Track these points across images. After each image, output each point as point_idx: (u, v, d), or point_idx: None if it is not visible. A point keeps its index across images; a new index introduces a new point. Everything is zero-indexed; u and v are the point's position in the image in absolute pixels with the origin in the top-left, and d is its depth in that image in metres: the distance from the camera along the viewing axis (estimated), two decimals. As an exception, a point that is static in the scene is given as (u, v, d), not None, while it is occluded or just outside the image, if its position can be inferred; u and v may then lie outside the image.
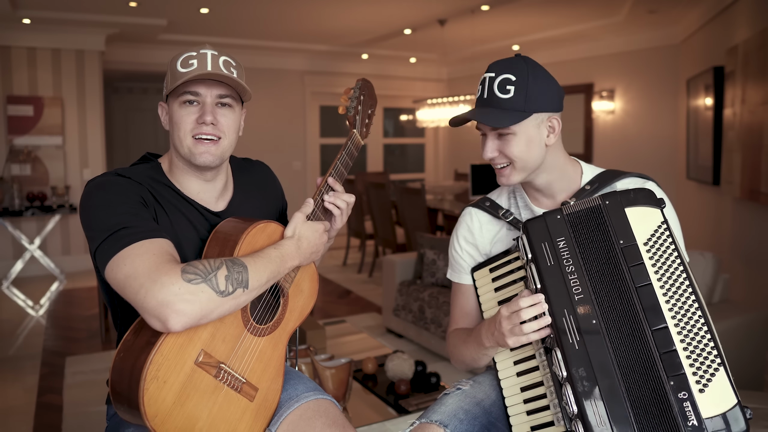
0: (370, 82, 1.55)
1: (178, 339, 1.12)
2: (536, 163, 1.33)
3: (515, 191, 1.47)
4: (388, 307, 4.16)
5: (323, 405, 1.35)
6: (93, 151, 6.37)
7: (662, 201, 1.26)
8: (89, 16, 5.63)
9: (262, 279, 1.18)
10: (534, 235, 1.26)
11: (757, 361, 2.66)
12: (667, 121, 6.11)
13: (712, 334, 1.16)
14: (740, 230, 4.25)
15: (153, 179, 1.30)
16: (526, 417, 1.29)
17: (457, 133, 8.91)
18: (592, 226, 1.25)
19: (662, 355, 1.14)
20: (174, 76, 1.28)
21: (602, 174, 1.40)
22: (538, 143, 1.31)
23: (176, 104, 1.29)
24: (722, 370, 1.13)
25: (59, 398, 3.23)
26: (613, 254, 1.22)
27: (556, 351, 1.19)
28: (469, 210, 1.51)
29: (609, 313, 1.19)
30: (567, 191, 1.39)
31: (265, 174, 1.54)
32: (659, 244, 1.22)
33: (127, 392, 1.10)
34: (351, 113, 1.48)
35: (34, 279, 6.01)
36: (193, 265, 1.11)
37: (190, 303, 1.07)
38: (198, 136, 1.28)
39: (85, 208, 1.21)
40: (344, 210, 1.40)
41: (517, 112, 1.28)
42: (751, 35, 3.80)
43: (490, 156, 1.34)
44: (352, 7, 5.45)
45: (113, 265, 1.12)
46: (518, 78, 1.28)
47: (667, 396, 1.12)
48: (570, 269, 1.22)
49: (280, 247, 1.25)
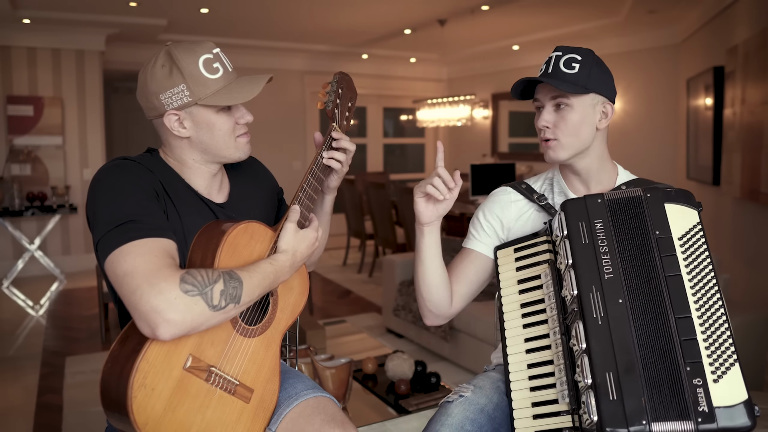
0: (348, 75, 1.54)
1: (164, 346, 1.11)
2: (584, 143, 1.38)
3: (553, 178, 1.51)
4: (388, 307, 4.16)
5: (322, 402, 1.35)
6: (93, 151, 6.37)
7: (700, 204, 1.31)
8: (89, 16, 5.63)
9: (254, 294, 1.19)
10: (572, 213, 1.30)
11: (757, 361, 2.66)
12: (667, 121, 6.11)
13: (731, 333, 1.19)
14: (740, 230, 4.25)
15: (163, 169, 1.30)
16: (528, 393, 1.30)
17: (458, 133, 8.91)
18: (631, 213, 1.29)
19: (683, 342, 1.17)
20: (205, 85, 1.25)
21: (637, 180, 1.46)
22: (591, 124, 1.37)
23: (211, 112, 1.28)
24: (737, 366, 1.16)
25: (59, 398, 3.23)
26: (647, 242, 1.25)
27: (578, 324, 1.21)
28: (504, 188, 1.55)
29: (636, 295, 1.22)
30: (602, 186, 1.44)
31: (256, 165, 1.55)
32: (693, 241, 1.26)
33: (116, 401, 1.10)
34: (330, 107, 1.48)
35: (34, 279, 6.01)
36: (192, 275, 1.10)
37: (182, 314, 1.06)
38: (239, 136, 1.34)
39: (94, 194, 1.20)
40: (345, 162, 1.46)
41: (579, 86, 1.34)
42: (751, 35, 3.80)
43: (543, 124, 1.39)
44: (352, 7, 5.45)
45: (113, 259, 1.11)
46: (584, 58, 1.36)
47: (682, 380, 1.14)
48: (603, 250, 1.25)
49: (275, 262, 1.25)
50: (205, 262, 1.21)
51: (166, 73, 1.24)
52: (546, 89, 1.39)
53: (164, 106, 1.26)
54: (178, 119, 1.27)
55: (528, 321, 1.35)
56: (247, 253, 1.26)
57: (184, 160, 1.33)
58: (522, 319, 1.36)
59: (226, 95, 1.26)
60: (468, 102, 6.67)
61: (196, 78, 1.24)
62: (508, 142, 8.26)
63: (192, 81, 1.24)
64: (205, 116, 1.28)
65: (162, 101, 1.25)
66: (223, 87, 1.27)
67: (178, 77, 1.24)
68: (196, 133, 1.30)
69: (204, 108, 1.28)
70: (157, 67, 1.25)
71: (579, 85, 1.34)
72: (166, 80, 1.24)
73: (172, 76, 1.24)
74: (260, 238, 1.29)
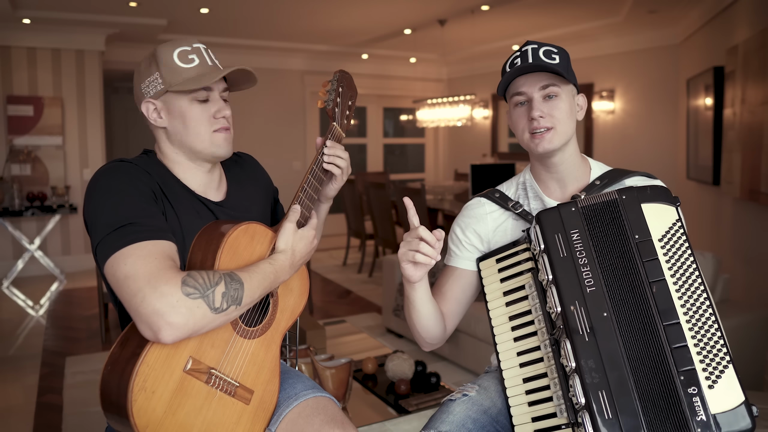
0: (349, 74, 1.53)
1: (164, 348, 1.11)
2: (571, 133, 1.38)
3: (525, 182, 1.47)
4: (388, 307, 4.16)
5: (321, 402, 1.35)
6: (93, 151, 6.37)
7: (677, 199, 1.27)
8: (89, 16, 5.63)
9: (255, 295, 1.18)
10: (547, 226, 1.26)
11: (757, 361, 2.66)
12: (667, 121, 6.11)
13: (721, 333, 1.16)
14: (740, 230, 4.25)
15: (159, 170, 1.30)
16: (527, 408, 1.28)
17: (458, 133, 8.91)
18: (607, 219, 1.25)
19: (673, 349, 1.14)
20: (177, 72, 1.27)
21: (611, 171, 1.42)
22: (574, 113, 1.38)
23: (185, 101, 1.28)
24: (731, 367, 1.14)
25: (59, 398, 3.23)
26: (627, 248, 1.22)
27: (565, 342, 1.18)
28: (477, 199, 1.49)
29: (621, 306, 1.19)
30: (578, 183, 1.40)
31: (253, 164, 1.55)
32: (674, 240, 1.23)
33: (117, 404, 1.09)
34: (330, 106, 1.47)
35: (34, 279, 6.01)
36: (193, 278, 1.10)
37: (184, 317, 1.06)
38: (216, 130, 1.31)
39: (91, 196, 1.19)
40: (344, 169, 1.45)
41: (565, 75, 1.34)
42: (751, 35, 3.80)
43: (539, 114, 1.33)
44: (352, 7, 5.45)
45: (113, 262, 1.10)
46: (560, 51, 1.36)
47: (677, 390, 1.12)
48: (583, 261, 1.22)
49: (274, 262, 1.25)
50: (206, 264, 1.21)
51: (147, 64, 1.31)
52: (533, 80, 1.34)
53: (143, 95, 1.31)
54: (155, 108, 1.31)
55: (518, 334, 1.33)
56: (248, 255, 1.25)
57: (173, 157, 1.33)
58: (512, 332, 1.34)
59: (194, 81, 1.27)
60: (468, 102, 6.67)
61: (169, 66, 1.27)
62: (508, 142, 8.26)
63: (165, 69, 1.27)
64: (178, 105, 1.29)
65: (141, 90, 1.31)
66: (196, 75, 1.28)
67: (154, 66, 1.29)
68: (171, 123, 1.30)
69: (177, 96, 1.28)
70: (143, 61, 1.32)
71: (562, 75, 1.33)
72: (146, 70, 1.30)
73: (150, 66, 1.30)
74: (261, 239, 1.28)
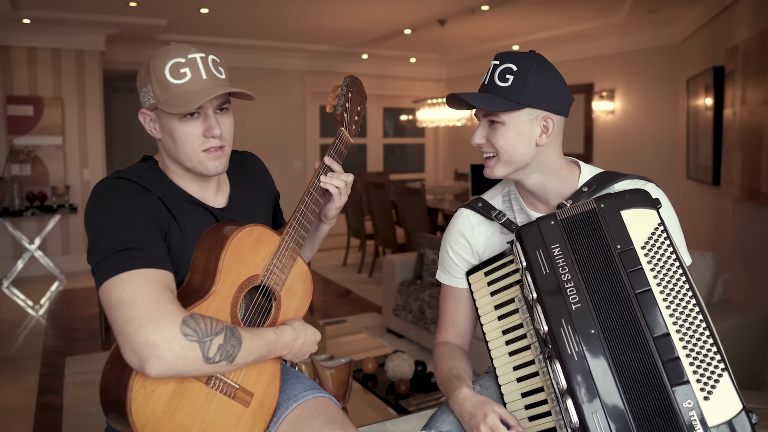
0: (359, 79, 1.51)
1: None
2: (523, 160, 1.29)
3: (510, 193, 1.43)
4: (388, 307, 4.16)
5: (321, 403, 1.34)
6: (93, 151, 6.37)
7: (658, 201, 1.23)
8: (89, 16, 5.63)
9: (249, 359, 1.16)
10: (528, 242, 1.23)
11: (757, 361, 2.66)
12: (667, 121, 6.11)
13: (714, 339, 1.12)
14: (740, 230, 4.25)
15: (160, 182, 1.26)
16: (528, 423, 1.27)
17: (457, 133, 8.91)
18: (588, 231, 1.21)
19: (665, 363, 1.11)
20: (167, 89, 1.20)
21: (600, 175, 1.35)
22: (528, 140, 1.27)
23: (173, 119, 1.21)
24: (726, 375, 1.10)
25: (59, 398, 3.23)
26: (610, 260, 1.18)
27: (555, 363, 1.16)
28: (461, 211, 1.46)
29: (608, 321, 1.15)
30: (562, 195, 1.34)
31: (258, 165, 1.51)
32: (657, 246, 1.19)
33: (116, 402, 1.09)
34: (339, 111, 1.45)
35: (34, 279, 6.01)
36: (195, 320, 1.08)
37: (176, 356, 1.04)
38: (206, 149, 1.24)
39: (91, 217, 1.15)
40: (343, 189, 1.39)
41: (510, 102, 1.25)
42: (751, 35, 3.80)
43: (477, 142, 1.31)
44: (352, 7, 5.45)
45: (110, 285, 1.08)
46: (519, 69, 1.25)
47: (672, 406, 1.09)
48: (566, 277, 1.19)
49: (279, 333, 1.24)
50: (209, 265, 1.20)
51: (144, 72, 1.24)
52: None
53: (141, 104, 1.27)
54: (151, 120, 1.27)
55: (513, 348, 1.31)
56: (252, 257, 1.24)
57: (171, 168, 1.29)
58: (507, 347, 1.32)
59: (182, 100, 1.19)
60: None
61: (160, 81, 1.21)
62: (508, 142, 8.25)
63: (157, 83, 1.21)
64: (168, 122, 1.23)
65: (140, 98, 1.26)
66: (183, 93, 1.20)
67: (148, 78, 1.23)
68: (163, 137, 1.26)
69: (167, 113, 1.21)
70: (143, 67, 1.25)
71: (511, 100, 1.25)
72: (143, 79, 1.25)
73: (146, 76, 1.23)
74: (265, 241, 1.27)
